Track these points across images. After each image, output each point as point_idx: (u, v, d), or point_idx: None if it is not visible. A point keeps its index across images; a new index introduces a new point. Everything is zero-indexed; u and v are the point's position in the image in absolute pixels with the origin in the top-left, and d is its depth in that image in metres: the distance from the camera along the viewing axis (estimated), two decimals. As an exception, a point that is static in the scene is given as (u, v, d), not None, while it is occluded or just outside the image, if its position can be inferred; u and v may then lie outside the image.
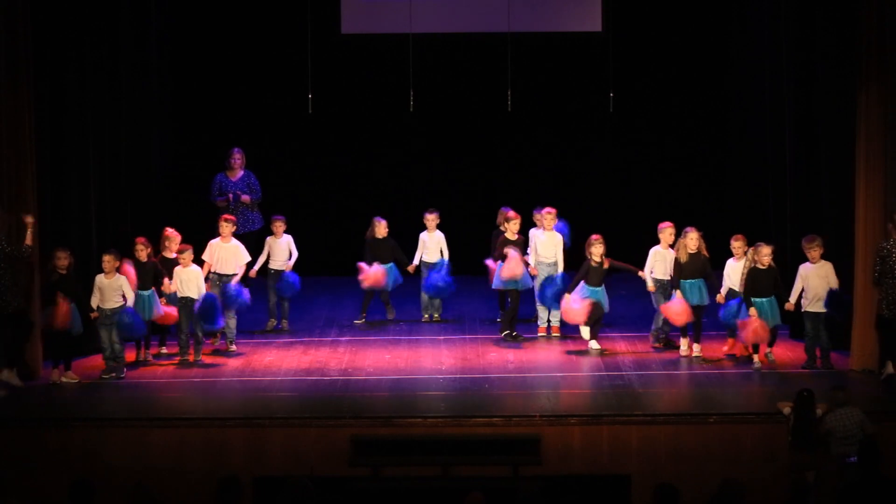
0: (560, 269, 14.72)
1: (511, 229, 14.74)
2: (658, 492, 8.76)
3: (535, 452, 11.69)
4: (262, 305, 15.25)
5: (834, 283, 13.26)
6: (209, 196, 15.95)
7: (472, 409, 12.18)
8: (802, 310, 13.41)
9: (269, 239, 15.16)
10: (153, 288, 13.71)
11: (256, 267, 14.98)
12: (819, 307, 13.31)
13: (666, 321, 14.11)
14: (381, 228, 15.44)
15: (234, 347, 14.32)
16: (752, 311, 13.19)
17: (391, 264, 15.38)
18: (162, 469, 11.55)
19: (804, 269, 13.39)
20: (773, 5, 15.42)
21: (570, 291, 14.10)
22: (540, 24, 17.44)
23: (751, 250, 13.44)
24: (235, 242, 14.52)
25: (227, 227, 14.49)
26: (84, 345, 13.82)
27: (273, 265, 15.11)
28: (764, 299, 13.28)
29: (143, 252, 13.63)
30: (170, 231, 14.17)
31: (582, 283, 14.07)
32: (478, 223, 16.09)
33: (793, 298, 13.42)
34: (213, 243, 14.48)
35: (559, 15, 17.54)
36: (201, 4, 17.61)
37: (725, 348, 13.99)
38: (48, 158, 13.74)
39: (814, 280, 13.31)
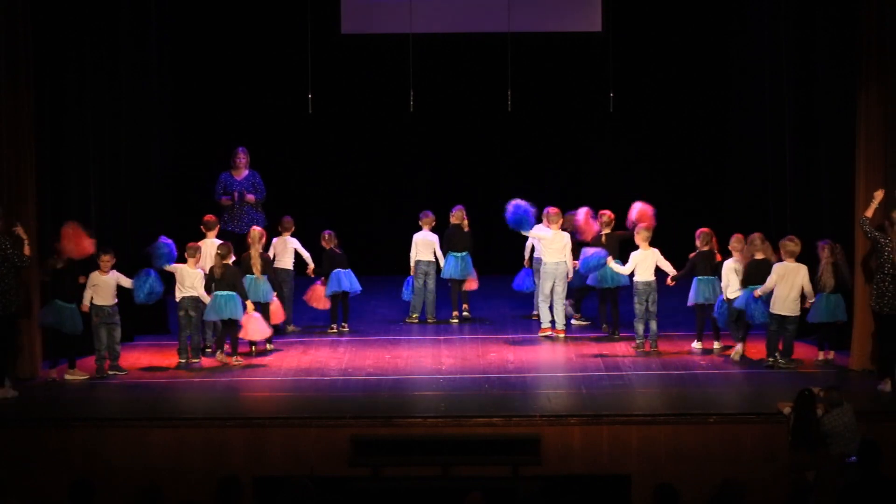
0: (570, 268, 14.77)
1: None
2: (658, 492, 8.76)
3: (535, 452, 11.69)
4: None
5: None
6: (213, 195, 15.95)
7: (472, 409, 12.16)
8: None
9: (275, 241, 15.19)
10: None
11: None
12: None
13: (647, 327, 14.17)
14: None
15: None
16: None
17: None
18: (162, 469, 11.53)
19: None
20: (772, 5, 15.42)
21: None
22: (540, 24, 17.45)
23: (827, 249, 13.33)
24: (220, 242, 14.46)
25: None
26: (87, 343, 13.85)
27: (279, 265, 15.12)
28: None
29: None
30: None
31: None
32: (477, 223, 16.07)
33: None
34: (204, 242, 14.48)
35: (559, 15, 17.55)
36: (201, 4, 17.62)
37: (732, 352, 13.98)
38: (48, 158, 13.73)
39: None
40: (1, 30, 12.97)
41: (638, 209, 14.76)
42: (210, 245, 14.35)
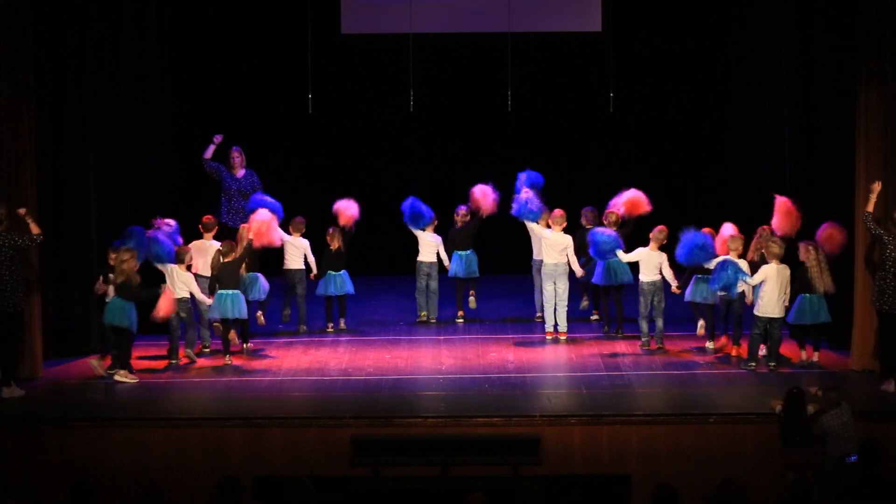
0: (576, 269, 14.75)
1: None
2: (658, 492, 8.76)
3: (535, 452, 11.70)
4: (275, 305, 15.37)
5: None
6: (204, 163, 15.89)
7: (472, 409, 12.17)
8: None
9: (287, 241, 15.22)
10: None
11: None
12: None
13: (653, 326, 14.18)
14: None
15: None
16: None
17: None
18: (162, 469, 11.55)
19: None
20: (773, 5, 15.43)
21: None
22: (540, 24, 17.45)
23: (813, 250, 13.33)
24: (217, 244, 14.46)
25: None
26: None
27: (290, 265, 15.12)
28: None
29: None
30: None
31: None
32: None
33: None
34: (197, 244, 14.46)
35: (559, 15, 17.55)
36: (201, 4, 17.61)
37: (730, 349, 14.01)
38: (48, 158, 13.75)
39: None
40: (1, 30, 12.97)
41: (629, 198, 14.89)
42: (208, 246, 14.35)
